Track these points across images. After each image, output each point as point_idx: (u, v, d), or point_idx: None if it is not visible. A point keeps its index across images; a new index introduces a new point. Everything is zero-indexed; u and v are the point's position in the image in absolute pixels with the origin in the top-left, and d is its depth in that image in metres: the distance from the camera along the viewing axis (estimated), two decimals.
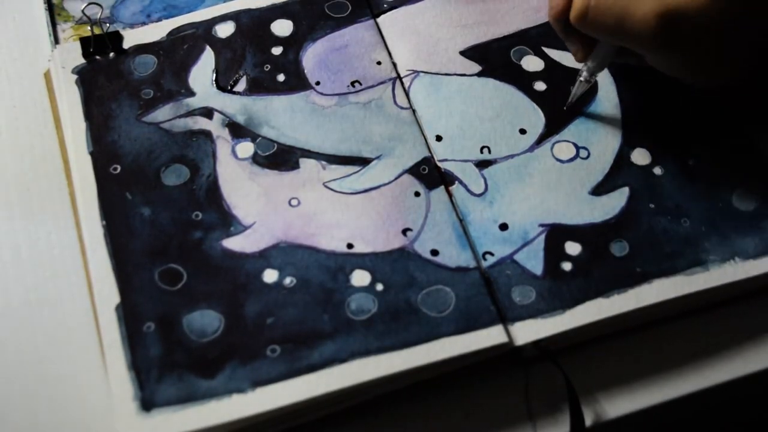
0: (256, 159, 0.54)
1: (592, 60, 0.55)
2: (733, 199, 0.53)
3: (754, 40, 0.50)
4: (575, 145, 0.55)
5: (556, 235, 0.51)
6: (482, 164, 0.54)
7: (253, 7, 0.60)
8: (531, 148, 0.55)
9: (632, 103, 0.57)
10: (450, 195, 0.53)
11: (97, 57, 0.58)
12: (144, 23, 0.61)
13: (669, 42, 0.49)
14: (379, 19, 0.60)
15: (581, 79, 0.55)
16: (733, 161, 0.55)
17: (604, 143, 0.55)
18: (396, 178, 0.53)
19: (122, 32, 0.59)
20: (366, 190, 0.53)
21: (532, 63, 0.59)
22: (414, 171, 0.54)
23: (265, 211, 0.52)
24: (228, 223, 0.51)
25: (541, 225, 0.52)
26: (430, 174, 0.54)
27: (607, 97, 0.57)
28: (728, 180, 0.54)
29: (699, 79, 0.53)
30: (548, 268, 0.50)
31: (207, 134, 0.55)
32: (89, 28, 0.59)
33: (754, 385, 0.50)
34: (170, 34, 0.59)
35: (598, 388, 0.48)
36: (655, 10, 0.48)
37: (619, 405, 0.48)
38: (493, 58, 0.59)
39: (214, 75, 0.57)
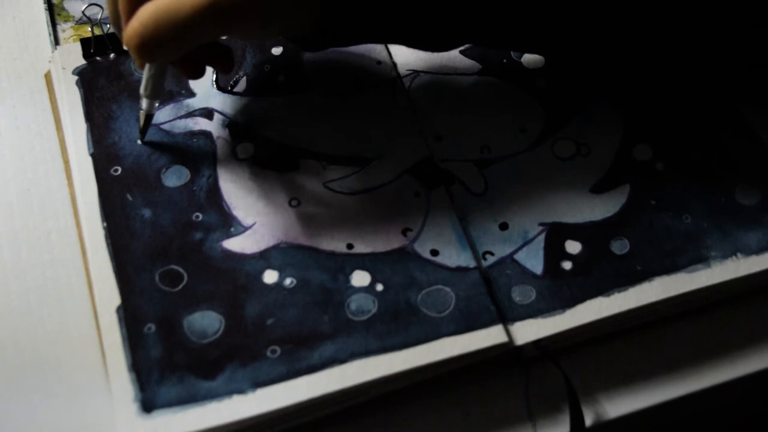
0: (256, 159, 0.54)
1: (144, 86, 0.52)
2: (735, 194, 0.53)
3: None
4: (576, 142, 0.55)
5: (556, 233, 0.52)
6: (482, 164, 0.54)
7: None
8: (531, 147, 0.55)
9: (633, 98, 0.57)
10: (450, 195, 0.53)
11: (98, 58, 0.58)
12: None
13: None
14: None
15: (142, 110, 0.53)
16: (736, 155, 0.55)
17: (605, 140, 0.55)
18: (396, 178, 0.53)
19: None
20: (366, 190, 0.53)
21: (532, 60, 0.59)
22: (414, 171, 0.54)
23: (265, 212, 0.52)
24: (228, 223, 0.51)
25: (541, 224, 0.52)
26: (430, 174, 0.54)
27: (608, 93, 0.57)
28: (731, 174, 0.54)
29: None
30: (548, 268, 0.50)
31: (207, 135, 0.55)
32: (90, 28, 0.59)
33: (754, 385, 0.50)
34: None
35: (598, 388, 0.48)
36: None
37: (619, 405, 0.48)
38: (493, 57, 0.59)
39: (214, 75, 0.57)
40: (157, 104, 0.53)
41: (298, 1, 0.47)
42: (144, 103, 0.52)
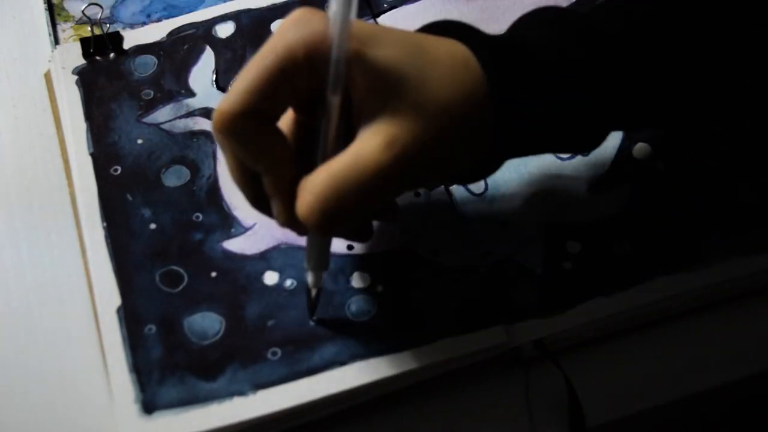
0: None
1: (309, 259, 0.45)
2: (735, 193, 0.53)
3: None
4: None
5: (556, 233, 0.51)
6: None
7: (253, 7, 0.60)
8: None
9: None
10: (450, 195, 0.53)
11: (98, 57, 0.58)
12: (144, 23, 0.61)
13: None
14: (379, 19, 0.60)
15: (309, 285, 0.46)
16: (737, 154, 0.55)
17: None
18: None
19: (122, 32, 0.59)
20: None
21: None
22: None
23: None
24: (228, 224, 0.51)
25: (541, 224, 0.52)
26: None
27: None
28: (732, 173, 0.54)
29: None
30: (548, 268, 0.50)
31: (207, 135, 0.55)
32: (89, 28, 0.59)
33: (754, 385, 0.50)
34: (170, 34, 0.59)
35: (598, 388, 0.48)
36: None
37: (619, 405, 0.48)
38: None
39: (215, 75, 0.57)
40: (324, 275, 0.47)
41: (475, 138, 0.43)
42: (311, 278, 0.46)
